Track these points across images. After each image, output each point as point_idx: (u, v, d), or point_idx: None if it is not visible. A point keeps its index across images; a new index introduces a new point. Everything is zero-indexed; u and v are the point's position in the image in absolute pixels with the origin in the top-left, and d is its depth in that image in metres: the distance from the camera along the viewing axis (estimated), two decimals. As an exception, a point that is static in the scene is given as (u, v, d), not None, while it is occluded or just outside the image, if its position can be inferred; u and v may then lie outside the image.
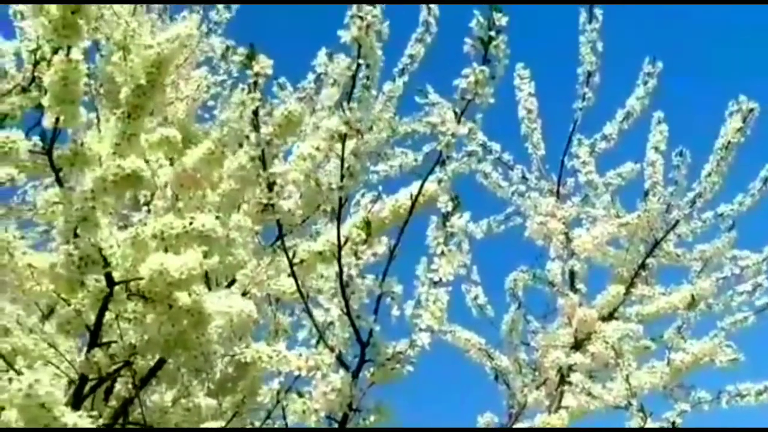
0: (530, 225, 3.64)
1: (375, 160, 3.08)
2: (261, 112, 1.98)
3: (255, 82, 1.93)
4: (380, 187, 2.42)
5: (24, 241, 2.14)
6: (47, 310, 2.35)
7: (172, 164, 2.29)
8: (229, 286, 2.35)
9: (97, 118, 2.11)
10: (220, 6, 3.57)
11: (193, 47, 3.17)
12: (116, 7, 2.21)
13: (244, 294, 2.35)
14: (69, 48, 1.92)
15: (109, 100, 2.50)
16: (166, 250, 2.02)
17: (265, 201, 1.99)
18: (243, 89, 1.97)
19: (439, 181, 2.22)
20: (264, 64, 1.92)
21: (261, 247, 2.52)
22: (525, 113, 3.76)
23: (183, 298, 2.06)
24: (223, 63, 3.45)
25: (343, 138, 1.91)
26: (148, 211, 2.17)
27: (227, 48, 3.44)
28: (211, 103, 3.43)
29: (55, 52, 3.01)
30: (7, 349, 2.10)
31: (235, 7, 3.59)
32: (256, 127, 1.94)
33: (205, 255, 2.06)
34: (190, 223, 1.95)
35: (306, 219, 2.22)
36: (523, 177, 3.73)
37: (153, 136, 2.25)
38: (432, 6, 2.99)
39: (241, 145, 2.14)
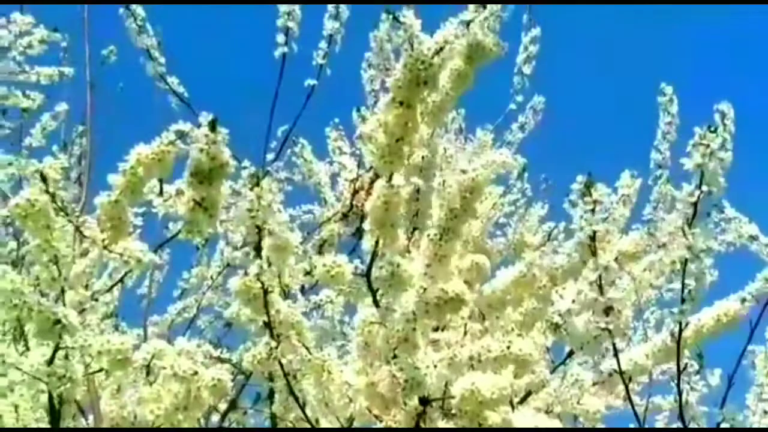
0: None
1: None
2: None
3: (592, 209, 1.97)
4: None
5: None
6: (348, 424, 2.42)
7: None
8: (521, 402, 2.36)
9: (408, 239, 2.17)
10: (514, 126, 3.66)
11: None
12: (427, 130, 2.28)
13: (546, 412, 2.36)
14: (391, 174, 2.00)
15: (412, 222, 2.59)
16: (472, 367, 2.05)
17: (603, 325, 2.01)
18: (581, 216, 1.99)
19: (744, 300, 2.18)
20: (601, 192, 1.97)
21: (552, 365, 2.53)
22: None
23: (492, 416, 2.07)
24: (518, 182, 3.52)
25: (684, 263, 1.91)
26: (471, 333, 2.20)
27: (523, 168, 3.51)
28: (502, 220, 3.51)
29: (373, 180, 3.18)
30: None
31: (528, 128, 3.67)
32: (593, 252, 1.97)
33: (514, 374, 2.09)
34: (508, 347, 1.98)
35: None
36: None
37: (463, 261, 2.30)
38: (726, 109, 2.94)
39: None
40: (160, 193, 2.03)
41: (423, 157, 2.05)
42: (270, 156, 3.35)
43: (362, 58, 3.51)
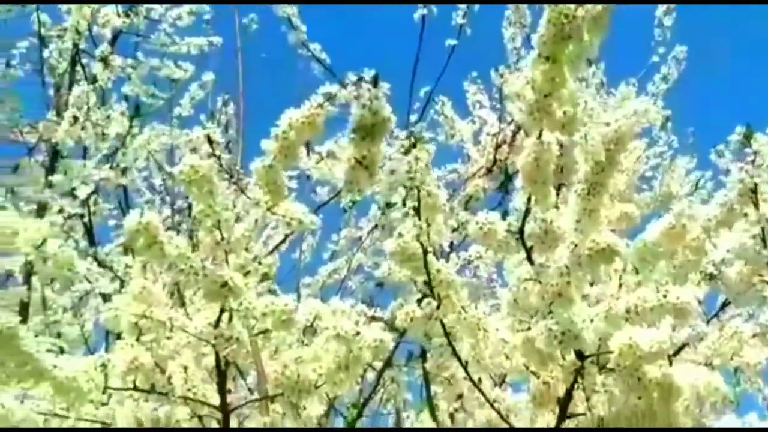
0: None
1: None
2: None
3: (753, 161, 1.94)
4: None
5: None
6: (501, 380, 2.44)
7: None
8: (675, 354, 2.34)
9: (557, 195, 2.16)
10: (657, 77, 3.61)
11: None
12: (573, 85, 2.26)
13: (705, 365, 2.33)
14: (540, 131, 2.00)
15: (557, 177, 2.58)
16: (628, 320, 2.04)
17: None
18: (741, 168, 1.96)
19: None
20: (763, 142, 1.94)
21: (705, 317, 2.49)
22: None
23: (652, 371, 2.05)
24: (662, 134, 3.48)
25: None
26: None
27: (666, 119, 3.46)
28: (648, 173, 3.47)
29: (515, 133, 3.19)
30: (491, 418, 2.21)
31: (671, 78, 3.62)
32: (755, 205, 1.95)
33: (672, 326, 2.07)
34: (665, 296, 1.96)
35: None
36: None
37: (612, 211, 2.29)
38: None
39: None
40: (307, 154, 2.06)
41: (565, 112, 2.03)
42: (413, 117, 3.37)
43: (501, 16, 3.51)
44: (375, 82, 1.89)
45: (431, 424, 2.58)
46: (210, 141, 1.96)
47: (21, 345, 1.73)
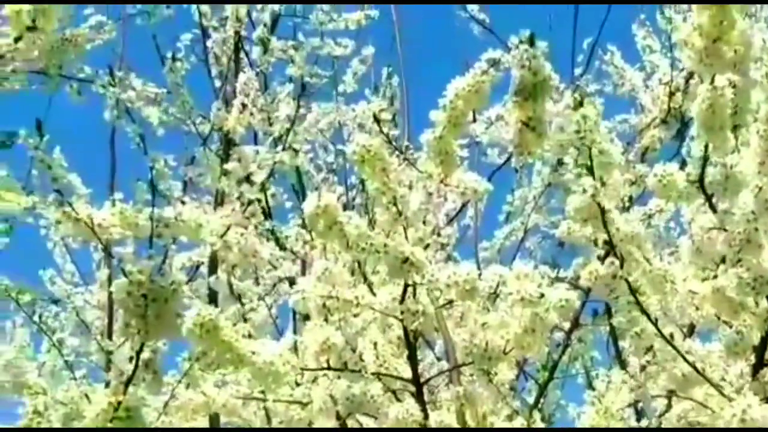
0: None
1: None
2: None
3: None
4: None
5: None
6: (689, 330, 2.39)
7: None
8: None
9: (735, 137, 2.10)
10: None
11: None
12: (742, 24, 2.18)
13: None
14: (713, 76, 1.95)
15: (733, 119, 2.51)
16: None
17: None
18: None
19: None
20: None
21: None
22: None
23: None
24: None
25: None
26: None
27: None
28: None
29: (687, 79, 3.11)
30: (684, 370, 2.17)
31: None
32: None
33: None
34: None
35: None
36: None
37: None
38: None
39: None
40: (473, 120, 2.05)
41: (736, 52, 1.97)
42: (578, 71, 3.33)
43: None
44: (531, 41, 1.86)
45: (621, 380, 2.54)
46: (377, 120, 1.97)
47: (222, 336, 1.78)
